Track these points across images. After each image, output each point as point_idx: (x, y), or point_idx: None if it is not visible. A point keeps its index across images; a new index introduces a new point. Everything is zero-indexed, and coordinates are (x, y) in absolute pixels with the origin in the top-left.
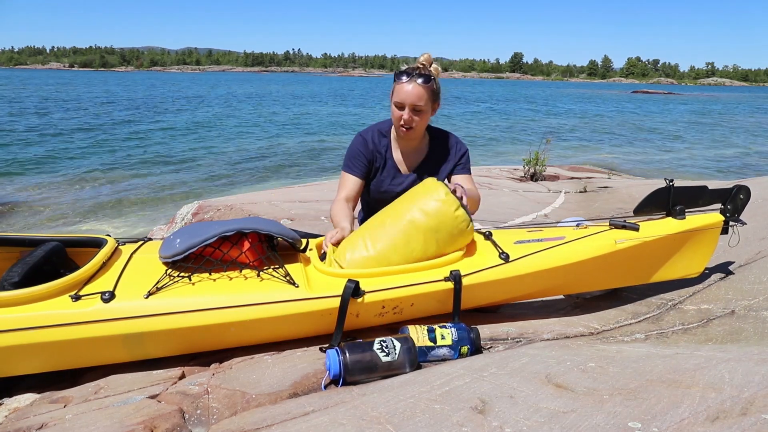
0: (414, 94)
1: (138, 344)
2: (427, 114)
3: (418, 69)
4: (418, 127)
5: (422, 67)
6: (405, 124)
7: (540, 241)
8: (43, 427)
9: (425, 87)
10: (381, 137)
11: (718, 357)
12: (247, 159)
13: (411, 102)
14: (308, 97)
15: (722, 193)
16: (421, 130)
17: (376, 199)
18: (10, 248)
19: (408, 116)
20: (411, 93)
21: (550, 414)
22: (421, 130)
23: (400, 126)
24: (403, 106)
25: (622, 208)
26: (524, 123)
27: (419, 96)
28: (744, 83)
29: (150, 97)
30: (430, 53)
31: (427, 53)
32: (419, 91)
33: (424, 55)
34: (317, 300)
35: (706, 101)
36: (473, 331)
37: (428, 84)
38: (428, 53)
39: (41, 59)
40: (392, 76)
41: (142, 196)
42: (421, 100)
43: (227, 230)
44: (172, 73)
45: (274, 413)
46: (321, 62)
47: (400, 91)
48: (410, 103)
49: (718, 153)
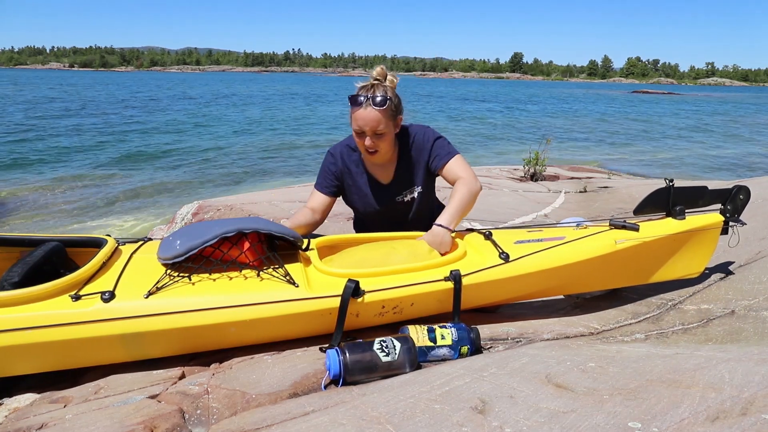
0: (372, 119)
1: (138, 344)
2: (390, 134)
3: (372, 88)
4: (383, 148)
5: (377, 84)
6: (369, 149)
7: (540, 241)
8: (43, 427)
9: (382, 111)
10: (351, 152)
11: (718, 357)
12: (248, 159)
13: (370, 128)
14: (308, 98)
15: (722, 193)
16: (388, 148)
17: (365, 215)
18: (10, 248)
19: (370, 142)
20: (369, 120)
21: (550, 414)
22: (388, 148)
23: (366, 151)
24: (364, 133)
25: (622, 208)
26: (524, 123)
27: (377, 121)
28: (744, 83)
29: (150, 97)
30: (383, 66)
31: (380, 66)
32: (376, 116)
33: (376, 68)
34: (317, 300)
35: (707, 101)
36: (473, 331)
37: (384, 107)
38: (381, 66)
39: (41, 59)
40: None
41: (141, 196)
42: (380, 124)
43: (227, 230)
44: (172, 73)
45: (274, 413)
46: (321, 62)
47: (358, 119)
48: (370, 128)
49: (718, 153)
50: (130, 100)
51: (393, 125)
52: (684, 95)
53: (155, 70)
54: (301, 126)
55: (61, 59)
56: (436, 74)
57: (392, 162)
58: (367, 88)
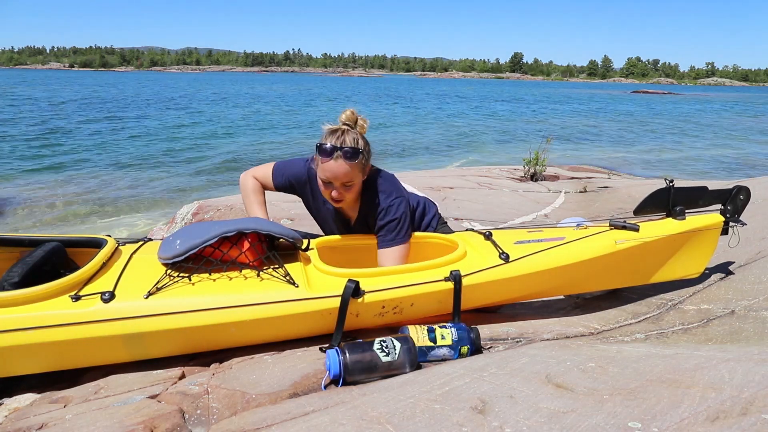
0: (341, 172)
1: (138, 344)
2: (358, 185)
3: (342, 135)
4: (349, 198)
5: (346, 130)
6: (335, 199)
7: (540, 242)
8: (43, 427)
9: (352, 164)
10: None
11: (718, 357)
12: (248, 159)
13: (339, 180)
14: (310, 97)
15: (722, 193)
16: (354, 197)
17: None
18: (10, 248)
19: (337, 194)
20: (338, 171)
21: (550, 414)
22: (354, 197)
23: (330, 199)
24: (331, 183)
25: (622, 208)
26: (524, 122)
27: (347, 174)
28: (744, 83)
29: (151, 97)
30: (353, 109)
31: (350, 109)
32: (346, 169)
33: (345, 112)
34: (317, 300)
35: (709, 101)
36: (473, 331)
37: (356, 161)
38: (351, 109)
39: (41, 59)
40: (392, 76)
41: (142, 196)
42: (349, 177)
43: (227, 230)
44: (172, 73)
45: (274, 413)
46: (321, 62)
47: (325, 170)
48: (339, 180)
49: (718, 153)
50: (130, 101)
51: (362, 175)
52: (684, 95)
53: (155, 70)
54: (302, 126)
55: (61, 59)
56: (436, 74)
57: (356, 208)
58: (337, 136)
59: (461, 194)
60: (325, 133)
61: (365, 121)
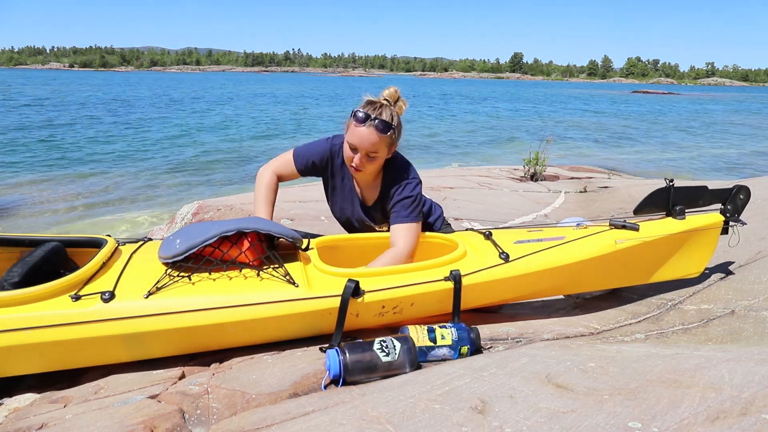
0: (369, 141)
1: (138, 344)
2: (381, 159)
3: (380, 108)
4: (369, 169)
5: (385, 105)
6: (356, 167)
7: (540, 241)
8: (43, 427)
9: (382, 136)
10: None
11: (718, 357)
12: (248, 159)
13: (365, 148)
14: (311, 98)
15: (722, 193)
16: (373, 172)
17: (338, 220)
18: (10, 248)
19: (359, 161)
20: (366, 139)
21: (550, 414)
22: (373, 172)
23: (350, 165)
24: (357, 150)
25: (622, 208)
26: (524, 122)
27: (374, 144)
28: (744, 83)
29: (151, 97)
30: (397, 88)
31: (394, 87)
32: (375, 138)
33: (390, 89)
34: (317, 300)
35: (711, 101)
36: (473, 331)
37: (386, 134)
38: (395, 87)
39: (41, 59)
40: (391, 76)
41: (142, 196)
42: (375, 148)
43: (227, 230)
44: (173, 72)
45: (274, 413)
46: (321, 62)
47: (355, 134)
48: (364, 149)
49: (718, 153)
50: (131, 101)
51: (388, 151)
52: (684, 95)
53: (155, 70)
54: (303, 125)
55: (61, 59)
56: (436, 74)
57: (377, 188)
58: (375, 107)
59: (461, 194)
60: (363, 102)
61: (404, 103)
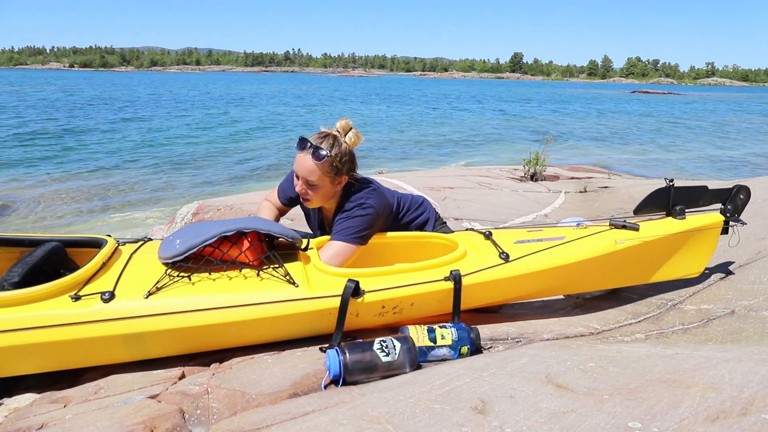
0: (306, 167)
1: (138, 344)
2: (323, 188)
3: (325, 139)
4: (314, 199)
5: (333, 135)
6: (300, 194)
7: (540, 241)
8: (43, 427)
9: (318, 164)
10: None
11: (718, 357)
12: (248, 159)
13: (303, 175)
14: (312, 97)
15: (722, 193)
16: (321, 202)
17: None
18: (10, 248)
19: (300, 188)
20: (303, 166)
21: (550, 414)
22: (321, 202)
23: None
24: (298, 177)
25: (622, 208)
26: (524, 122)
27: (311, 171)
28: (744, 83)
29: (152, 97)
30: (349, 120)
31: (345, 120)
32: (311, 166)
33: (341, 121)
34: (317, 300)
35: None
36: (473, 331)
37: (321, 161)
38: (346, 120)
39: (41, 59)
40: (391, 76)
41: (142, 196)
42: (312, 175)
43: (227, 230)
44: (173, 72)
45: (274, 413)
46: (321, 62)
47: (296, 161)
48: (303, 176)
49: (718, 153)
50: (131, 101)
51: (330, 182)
52: (684, 95)
53: (155, 70)
54: (304, 126)
55: (61, 59)
56: (436, 74)
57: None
58: (320, 135)
59: (461, 194)
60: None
61: (358, 136)
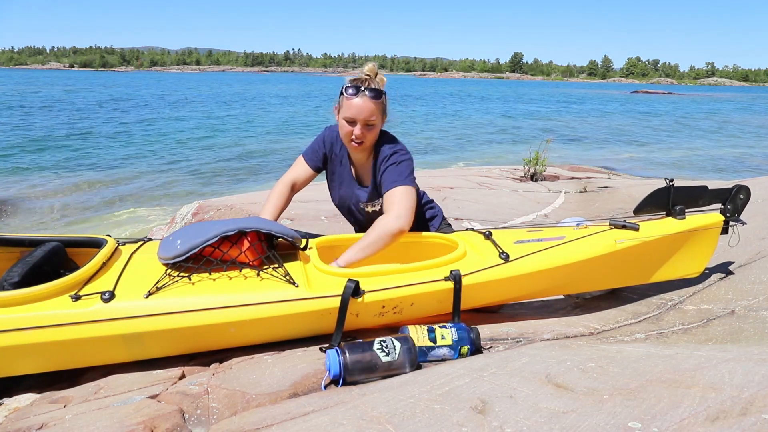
0: (366, 109)
1: (138, 344)
2: (378, 128)
3: (366, 81)
4: (369, 140)
5: (369, 79)
6: (356, 139)
7: (540, 241)
8: (43, 427)
9: (376, 102)
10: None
11: (718, 357)
12: (248, 159)
13: (363, 118)
14: (313, 97)
15: (722, 193)
16: (372, 143)
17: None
18: (10, 248)
19: (360, 132)
20: (362, 109)
21: (550, 414)
22: (372, 143)
23: (351, 141)
24: (355, 122)
25: (622, 208)
26: (524, 122)
27: (371, 111)
28: (744, 83)
29: (152, 97)
30: (374, 63)
31: (372, 63)
32: (370, 106)
33: (368, 65)
34: (317, 300)
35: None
36: (473, 331)
37: (379, 99)
38: (373, 63)
39: (41, 59)
40: (391, 76)
41: (142, 196)
42: (373, 115)
43: (228, 230)
44: (173, 73)
45: (274, 413)
46: (321, 62)
47: (350, 107)
48: (362, 119)
49: (718, 153)
50: (131, 101)
51: (381, 120)
52: (684, 95)
53: (155, 70)
54: (304, 125)
55: (61, 59)
56: (436, 74)
57: (370, 165)
58: (362, 80)
59: (461, 194)
60: (348, 81)
61: (383, 77)
